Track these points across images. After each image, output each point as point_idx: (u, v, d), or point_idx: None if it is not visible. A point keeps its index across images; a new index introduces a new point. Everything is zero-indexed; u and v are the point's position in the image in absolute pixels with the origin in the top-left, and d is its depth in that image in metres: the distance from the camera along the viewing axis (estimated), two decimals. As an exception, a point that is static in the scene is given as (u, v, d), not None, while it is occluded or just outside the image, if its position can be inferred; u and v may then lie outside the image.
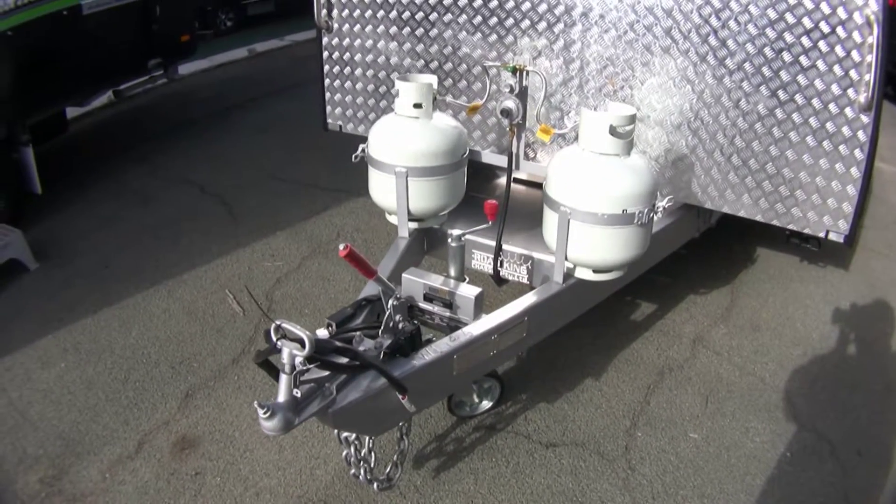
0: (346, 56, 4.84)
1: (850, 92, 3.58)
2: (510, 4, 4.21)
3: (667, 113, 4.03)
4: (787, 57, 3.66)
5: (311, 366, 2.52)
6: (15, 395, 4.16)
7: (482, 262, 4.12)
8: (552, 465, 3.75)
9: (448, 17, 4.41)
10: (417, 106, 3.77)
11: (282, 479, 3.64)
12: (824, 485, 3.68)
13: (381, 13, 4.60)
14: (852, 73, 3.55)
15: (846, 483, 3.69)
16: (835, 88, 3.61)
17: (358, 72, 4.84)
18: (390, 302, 3.03)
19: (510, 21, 4.24)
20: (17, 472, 3.68)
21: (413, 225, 4.02)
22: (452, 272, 3.65)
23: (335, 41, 4.84)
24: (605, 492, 3.60)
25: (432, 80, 3.86)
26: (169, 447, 3.83)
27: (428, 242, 4.24)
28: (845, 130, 3.65)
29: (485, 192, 4.66)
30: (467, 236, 3.65)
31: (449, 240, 3.61)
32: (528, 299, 3.55)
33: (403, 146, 3.77)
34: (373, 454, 3.23)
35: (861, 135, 3.63)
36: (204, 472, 3.68)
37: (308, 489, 3.58)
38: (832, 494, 3.63)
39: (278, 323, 2.40)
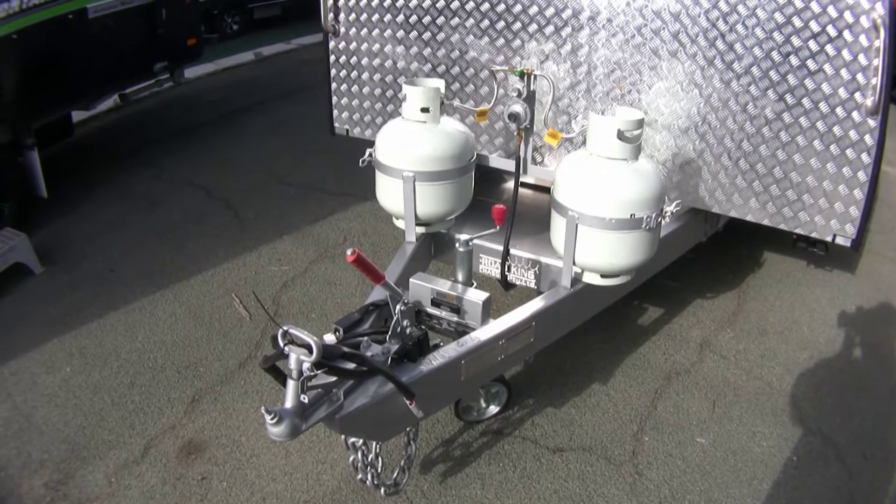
0: (353, 60, 4.84)
1: (857, 96, 3.58)
2: (518, 8, 4.21)
3: (674, 117, 4.03)
4: (794, 61, 3.66)
5: (319, 371, 2.52)
6: (20, 400, 4.17)
7: (490, 266, 4.11)
8: (559, 469, 3.74)
9: (455, 20, 4.41)
10: (425, 110, 3.77)
11: (288, 484, 3.63)
12: (830, 489, 3.67)
13: (388, 17, 4.60)
14: (859, 76, 3.54)
15: (852, 486, 3.69)
16: (842, 92, 3.60)
17: (365, 76, 4.85)
18: (398, 307, 3.02)
19: (517, 25, 4.24)
20: (22, 476, 3.68)
21: (420, 229, 4.01)
22: (460, 277, 3.65)
23: (342, 45, 4.84)
24: (613, 496, 3.59)
25: (440, 84, 3.86)
26: (175, 452, 3.83)
27: (435, 247, 4.23)
28: (852, 134, 3.64)
29: (492, 197, 4.66)
30: (475, 241, 3.66)
31: (456, 244, 3.62)
32: (536, 304, 3.55)
33: (411, 150, 3.77)
34: (380, 459, 3.22)
35: (868, 138, 3.62)
36: (210, 476, 3.68)
37: (315, 494, 3.58)
38: (838, 498, 3.63)
39: (285, 328, 2.40)
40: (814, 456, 3.86)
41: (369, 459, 3.18)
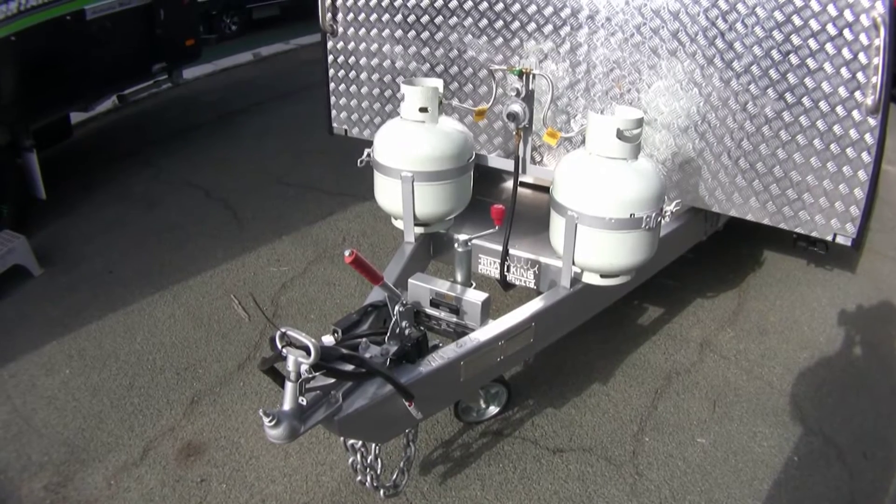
0: (352, 60, 4.83)
1: (858, 94, 3.57)
2: (516, 7, 4.20)
3: (674, 116, 4.01)
4: (794, 59, 3.64)
5: (317, 373, 2.51)
6: (19, 402, 4.16)
7: (489, 266, 4.10)
8: (559, 470, 3.73)
9: (454, 20, 4.40)
10: (423, 110, 3.76)
11: (288, 485, 3.62)
12: (831, 489, 3.66)
13: (386, 16, 4.59)
14: (859, 75, 3.53)
15: (853, 486, 3.68)
16: (842, 91, 3.59)
17: (363, 76, 4.83)
18: (396, 308, 3.01)
19: (516, 24, 4.23)
20: (22, 479, 3.67)
21: (419, 230, 4.00)
22: (459, 277, 3.65)
23: (340, 45, 4.83)
24: (613, 497, 3.58)
25: (438, 83, 3.85)
26: (174, 454, 3.82)
27: (434, 247, 4.22)
28: (852, 133, 3.63)
29: (491, 197, 4.66)
30: (474, 241, 3.65)
31: (455, 245, 3.61)
32: (536, 304, 3.53)
33: (409, 150, 3.76)
34: (379, 461, 3.21)
35: (868, 137, 3.61)
36: (209, 478, 3.67)
37: (314, 496, 3.57)
38: (839, 498, 3.62)
39: (283, 330, 2.39)
40: (815, 456, 3.85)
41: (368, 461, 3.17)
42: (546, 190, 3.68)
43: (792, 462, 3.80)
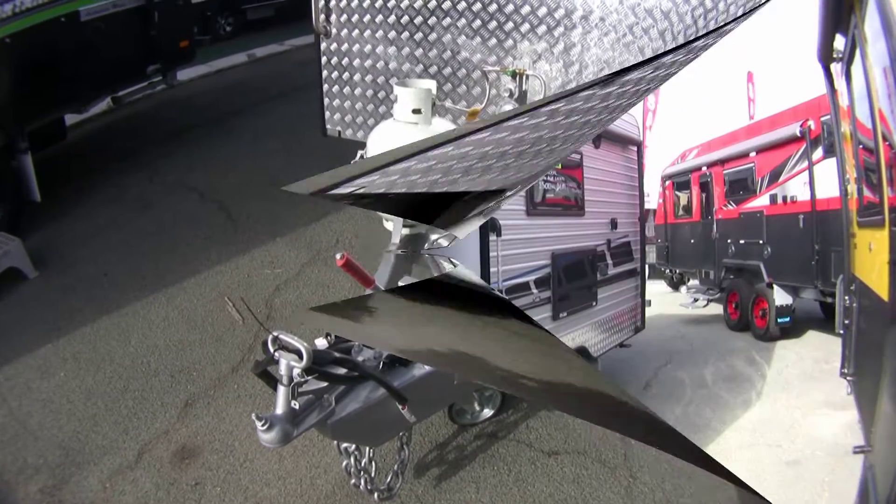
0: (345, 61, 4.82)
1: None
2: (510, 8, 4.19)
3: (666, 117, 4.02)
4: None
5: (310, 377, 2.50)
6: (15, 405, 4.15)
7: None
8: (554, 473, 3.73)
9: (447, 21, 4.39)
10: (416, 111, 3.74)
11: (282, 488, 3.62)
12: (827, 488, 3.66)
13: (379, 18, 4.58)
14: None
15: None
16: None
17: (357, 77, 4.83)
18: (389, 310, 3.00)
19: (510, 25, 4.22)
20: (18, 481, 3.66)
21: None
22: (452, 279, 3.63)
23: (334, 46, 4.82)
24: (609, 500, 3.58)
25: (431, 85, 3.84)
26: (169, 457, 3.81)
27: (427, 248, 4.21)
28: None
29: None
30: (466, 242, 3.64)
31: (448, 245, 3.60)
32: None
33: (402, 152, 3.74)
34: (373, 464, 3.21)
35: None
36: (204, 481, 3.66)
37: (308, 499, 3.56)
38: (835, 498, 3.62)
39: (276, 334, 2.38)
40: (809, 456, 3.85)
41: (363, 464, 3.17)
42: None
43: (786, 462, 3.80)
